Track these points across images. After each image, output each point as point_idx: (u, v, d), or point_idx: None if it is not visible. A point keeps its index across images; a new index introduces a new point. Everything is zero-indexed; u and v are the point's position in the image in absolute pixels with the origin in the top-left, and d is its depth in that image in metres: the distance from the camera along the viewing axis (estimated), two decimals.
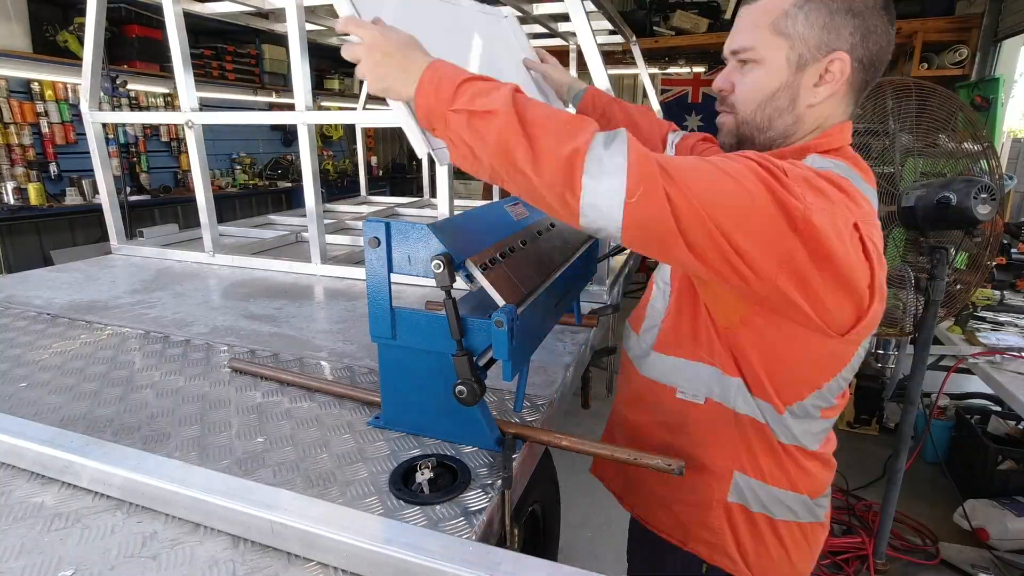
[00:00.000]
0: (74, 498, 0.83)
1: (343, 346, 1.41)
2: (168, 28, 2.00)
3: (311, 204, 2.02)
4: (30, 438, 0.88)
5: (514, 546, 0.86)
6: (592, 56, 1.63)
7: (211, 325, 1.55)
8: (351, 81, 7.87)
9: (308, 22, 2.88)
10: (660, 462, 0.86)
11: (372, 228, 0.87)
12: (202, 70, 5.85)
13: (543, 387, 1.18)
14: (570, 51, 3.69)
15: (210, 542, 0.75)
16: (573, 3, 1.63)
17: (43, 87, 4.65)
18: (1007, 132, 5.50)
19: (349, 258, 2.22)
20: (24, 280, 1.98)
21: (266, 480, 0.87)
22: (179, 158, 5.89)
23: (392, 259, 0.88)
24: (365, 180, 4.22)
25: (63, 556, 0.72)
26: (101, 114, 2.25)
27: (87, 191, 4.81)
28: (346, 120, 2.17)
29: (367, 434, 1.01)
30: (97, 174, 2.29)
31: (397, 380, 0.98)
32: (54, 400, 1.13)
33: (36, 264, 3.71)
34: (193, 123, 2.06)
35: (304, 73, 1.87)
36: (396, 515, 0.79)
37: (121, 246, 2.41)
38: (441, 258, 0.81)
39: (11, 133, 4.47)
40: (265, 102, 6.83)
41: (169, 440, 0.99)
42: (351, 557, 0.69)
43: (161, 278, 2.04)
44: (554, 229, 1.17)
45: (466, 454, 0.94)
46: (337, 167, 7.93)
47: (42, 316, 1.61)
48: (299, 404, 1.11)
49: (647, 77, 3.88)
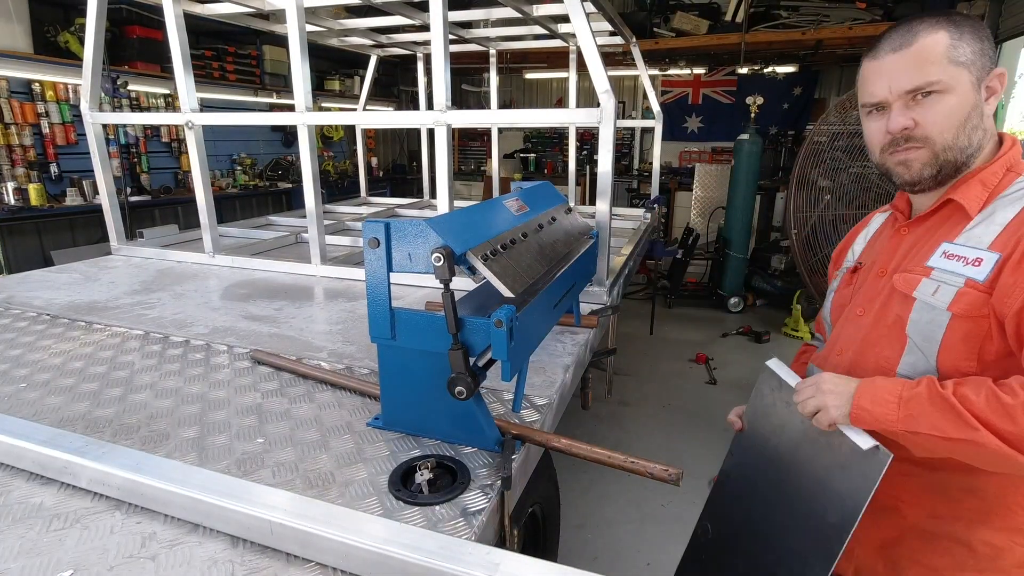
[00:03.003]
0: (73, 498, 0.83)
1: (343, 347, 1.41)
2: (169, 29, 2.00)
3: (311, 205, 2.02)
4: (29, 438, 0.88)
5: (513, 547, 0.86)
6: (592, 58, 1.63)
7: (211, 326, 1.54)
8: (351, 82, 7.88)
9: (308, 23, 2.88)
10: (658, 469, 0.86)
11: (371, 229, 0.87)
12: (202, 71, 5.85)
13: (543, 388, 1.17)
14: (570, 52, 3.70)
15: (209, 543, 0.75)
16: (573, 4, 1.63)
17: (44, 88, 4.65)
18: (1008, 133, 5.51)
19: (349, 259, 2.22)
20: (24, 280, 1.98)
21: (265, 481, 0.86)
22: (180, 159, 5.89)
23: (392, 258, 0.88)
24: (365, 181, 4.22)
25: (62, 556, 0.72)
26: (101, 115, 2.25)
27: (87, 192, 4.82)
28: (346, 121, 2.17)
29: (366, 435, 1.00)
30: (97, 175, 2.29)
31: (396, 381, 0.98)
32: (54, 400, 1.13)
33: (36, 264, 3.70)
34: (193, 124, 2.06)
35: (304, 74, 1.88)
36: (395, 516, 0.79)
37: (121, 247, 2.41)
38: (441, 251, 0.81)
39: (12, 134, 4.47)
40: (265, 103, 6.83)
41: (168, 441, 0.99)
42: (350, 558, 0.69)
43: (161, 279, 2.04)
44: (555, 223, 1.17)
45: (465, 455, 0.94)
46: (337, 168, 7.93)
47: (42, 317, 1.61)
48: (299, 405, 1.11)
49: (647, 79, 3.88)
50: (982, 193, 0.92)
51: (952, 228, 0.94)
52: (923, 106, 0.90)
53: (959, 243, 0.91)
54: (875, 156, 1.00)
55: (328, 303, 1.78)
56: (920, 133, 0.91)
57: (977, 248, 0.88)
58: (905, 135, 0.92)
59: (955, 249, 0.91)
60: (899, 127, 0.92)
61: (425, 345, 0.91)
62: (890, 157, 0.96)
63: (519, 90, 9.06)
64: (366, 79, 4.12)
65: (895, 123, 0.92)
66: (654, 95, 3.92)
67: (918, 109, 0.90)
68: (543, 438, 0.95)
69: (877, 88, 0.94)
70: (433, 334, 0.90)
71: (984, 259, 0.86)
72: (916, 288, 0.92)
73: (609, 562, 2.23)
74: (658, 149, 3.97)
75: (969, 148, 0.91)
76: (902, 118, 0.91)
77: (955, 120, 0.90)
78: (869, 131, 1.00)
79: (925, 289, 0.91)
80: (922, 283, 0.91)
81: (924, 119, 0.90)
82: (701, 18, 5.91)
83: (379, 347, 0.96)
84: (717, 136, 8.00)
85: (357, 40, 3.53)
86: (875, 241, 1.14)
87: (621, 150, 8.46)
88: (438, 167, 1.80)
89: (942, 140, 0.90)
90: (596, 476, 2.66)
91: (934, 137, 0.90)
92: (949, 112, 0.89)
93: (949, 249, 0.91)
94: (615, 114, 1.64)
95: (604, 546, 2.37)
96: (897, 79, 0.91)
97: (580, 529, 2.44)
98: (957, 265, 0.89)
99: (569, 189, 3.86)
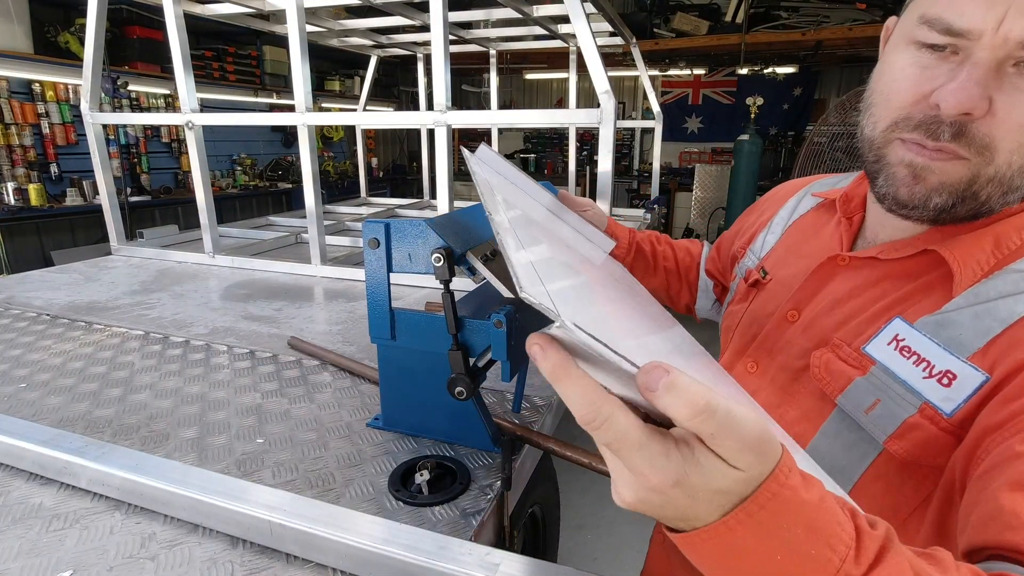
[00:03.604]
0: (73, 499, 0.83)
1: (343, 347, 1.41)
2: (169, 29, 2.00)
3: (311, 205, 2.02)
4: (29, 439, 0.88)
5: (513, 548, 0.86)
6: (592, 58, 1.63)
7: (211, 326, 1.54)
8: (351, 82, 7.88)
9: (308, 23, 2.89)
10: None
11: (371, 229, 0.87)
12: (203, 71, 5.86)
13: (543, 388, 1.17)
14: (570, 53, 3.70)
15: (209, 543, 0.75)
16: (573, 5, 1.63)
17: (44, 88, 4.66)
18: None
19: (349, 259, 2.23)
20: (24, 281, 1.98)
21: (265, 481, 0.86)
22: (180, 159, 5.90)
23: (392, 258, 0.88)
24: (365, 181, 4.22)
25: (62, 557, 0.72)
26: (102, 115, 2.25)
27: (87, 192, 4.83)
28: (346, 121, 2.17)
29: (366, 435, 1.00)
30: (97, 175, 2.29)
31: (396, 381, 0.98)
32: (53, 401, 1.13)
33: (36, 265, 3.71)
34: (193, 124, 2.06)
35: (304, 74, 1.88)
36: (395, 516, 0.79)
37: (121, 247, 2.41)
38: (441, 251, 0.81)
39: (12, 134, 4.47)
40: (265, 103, 6.84)
41: (168, 441, 0.99)
42: (350, 558, 0.69)
43: (161, 279, 2.04)
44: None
45: (465, 455, 0.94)
46: (337, 168, 7.94)
47: (42, 317, 1.61)
48: (299, 406, 1.11)
49: (647, 79, 3.88)
50: (989, 257, 0.55)
51: (922, 293, 0.58)
52: (1018, 86, 0.49)
53: (924, 330, 0.55)
54: (877, 124, 0.57)
55: (328, 303, 1.78)
56: (986, 133, 0.50)
57: (952, 353, 0.53)
58: (960, 124, 0.51)
59: (915, 339, 0.55)
60: (965, 104, 0.49)
61: (425, 346, 0.91)
62: (899, 146, 0.55)
63: (519, 91, 9.06)
64: (366, 79, 4.12)
65: (962, 94, 0.49)
66: (654, 96, 3.92)
67: (1011, 87, 0.49)
68: (543, 439, 0.95)
69: (973, 6, 0.48)
70: (433, 335, 0.90)
71: (960, 376, 0.51)
72: (843, 391, 0.59)
73: (609, 562, 2.23)
74: (658, 150, 3.97)
75: (1021, 188, 0.54)
76: (976, 89, 0.49)
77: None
78: (896, 77, 0.55)
79: (856, 396, 0.58)
80: (853, 385, 0.58)
81: (1010, 111, 0.49)
82: (701, 19, 5.92)
83: (379, 348, 0.96)
84: (717, 137, 8.01)
85: (357, 40, 3.53)
86: (792, 238, 0.78)
87: (621, 151, 8.47)
88: (438, 168, 1.80)
89: (1006, 165, 0.51)
90: (596, 476, 2.65)
91: (1000, 152, 0.51)
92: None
93: (904, 335, 0.56)
94: (615, 115, 1.64)
95: (604, 547, 2.37)
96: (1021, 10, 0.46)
97: (580, 530, 2.44)
98: (913, 371, 0.54)
99: (569, 189, 3.86)
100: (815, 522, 0.33)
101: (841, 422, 0.60)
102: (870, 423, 0.56)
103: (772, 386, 0.69)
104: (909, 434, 0.53)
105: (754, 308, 0.77)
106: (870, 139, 0.58)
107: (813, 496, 0.34)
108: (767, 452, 0.33)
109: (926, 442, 0.53)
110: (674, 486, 0.33)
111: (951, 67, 0.50)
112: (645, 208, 3.80)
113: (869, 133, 0.58)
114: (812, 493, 0.34)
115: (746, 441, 0.32)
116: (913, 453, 0.54)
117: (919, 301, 0.57)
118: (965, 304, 0.54)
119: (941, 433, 0.52)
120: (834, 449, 0.59)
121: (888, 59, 0.56)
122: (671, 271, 1.08)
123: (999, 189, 0.52)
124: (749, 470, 0.32)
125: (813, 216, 0.78)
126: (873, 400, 0.56)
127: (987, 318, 0.52)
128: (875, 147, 0.58)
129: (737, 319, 0.80)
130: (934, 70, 0.51)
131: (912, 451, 0.54)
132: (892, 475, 0.56)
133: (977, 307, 0.53)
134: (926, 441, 0.53)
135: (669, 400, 0.31)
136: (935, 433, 0.52)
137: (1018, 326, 0.50)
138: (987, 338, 0.51)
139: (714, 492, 0.33)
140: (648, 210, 3.73)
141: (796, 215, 0.81)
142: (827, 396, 0.61)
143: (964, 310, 0.53)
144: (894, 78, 0.55)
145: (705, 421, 0.31)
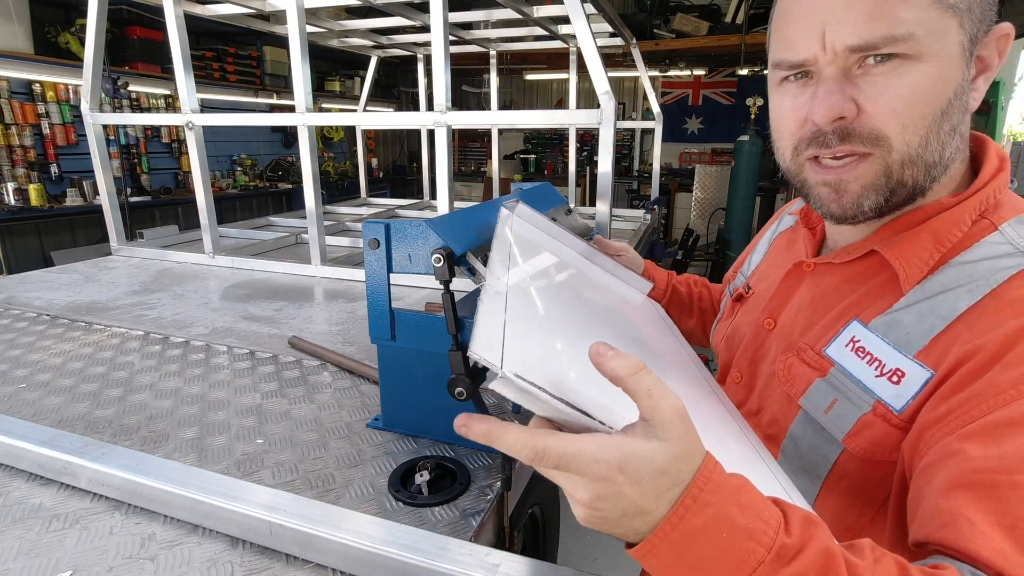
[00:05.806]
0: (73, 499, 0.83)
1: (343, 347, 1.41)
2: (169, 30, 2.00)
3: (311, 205, 2.02)
4: (29, 439, 0.88)
5: (513, 548, 0.86)
6: (592, 59, 1.63)
7: (211, 326, 1.54)
8: (351, 83, 7.88)
9: (309, 24, 2.89)
10: None
11: (371, 229, 0.87)
12: (203, 71, 5.87)
13: None
14: (570, 53, 3.70)
15: (209, 543, 0.75)
16: (573, 5, 1.63)
17: (44, 88, 4.66)
18: (1007, 135, 5.52)
19: (349, 259, 2.23)
20: (24, 281, 1.98)
21: (265, 482, 0.86)
22: (180, 159, 5.90)
23: (392, 259, 0.88)
24: (365, 182, 4.22)
25: (61, 557, 0.72)
26: (102, 115, 2.25)
27: (88, 192, 4.83)
28: (346, 122, 2.17)
29: (366, 436, 1.00)
30: (97, 175, 2.29)
31: (396, 381, 0.98)
32: (53, 401, 1.13)
33: (36, 265, 3.71)
34: (193, 124, 2.06)
35: (305, 75, 1.88)
36: (395, 517, 0.79)
37: (121, 247, 2.41)
38: (441, 252, 0.81)
39: (12, 134, 4.48)
40: (266, 104, 6.85)
41: (168, 441, 0.99)
42: (350, 559, 0.69)
43: (161, 279, 2.04)
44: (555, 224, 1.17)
45: (465, 456, 0.94)
46: (337, 169, 7.94)
47: (42, 317, 1.61)
48: (298, 406, 1.11)
49: (647, 80, 3.88)
50: (931, 253, 0.57)
51: (875, 294, 0.60)
52: (876, 79, 0.53)
53: (877, 331, 0.57)
54: (785, 156, 0.62)
55: (328, 304, 1.78)
56: (868, 127, 0.54)
57: (900, 351, 0.55)
58: (840, 129, 0.55)
59: (868, 339, 0.58)
60: (831, 113, 0.54)
61: (425, 346, 0.91)
62: (811, 168, 0.60)
63: (519, 91, 9.07)
64: (366, 80, 4.12)
65: (824, 106, 0.54)
66: (654, 96, 3.93)
67: (866, 84, 0.53)
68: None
69: (801, 35, 0.55)
70: (433, 335, 0.90)
71: (908, 374, 0.54)
72: (803, 393, 0.62)
73: (609, 563, 2.22)
74: (658, 150, 3.97)
75: (941, 163, 0.56)
76: (837, 97, 0.54)
77: (930, 110, 0.53)
78: (779, 112, 0.62)
79: (815, 398, 0.60)
80: (813, 386, 0.61)
81: (876, 103, 0.53)
82: (701, 19, 5.92)
83: (379, 348, 0.96)
84: (717, 137, 8.01)
85: (357, 41, 3.53)
86: (772, 254, 0.84)
87: (621, 151, 8.47)
88: (438, 168, 1.80)
89: (904, 145, 0.54)
90: None
91: (891, 137, 0.54)
92: (923, 94, 0.52)
93: (860, 336, 0.58)
94: (615, 115, 1.64)
95: (604, 547, 2.37)
96: (840, 22, 0.52)
97: (580, 530, 2.44)
98: (866, 371, 0.57)
99: (569, 190, 3.86)
100: (744, 498, 0.39)
101: (806, 424, 0.62)
102: (829, 422, 0.59)
103: (754, 393, 0.72)
104: (864, 431, 0.56)
105: (737, 321, 0.82)
106: (787, 169, 0.64)
107: (738, 479, 0.40)
108: (691, 430, 0.39)
109: (881, 439, 0.55)
110: (620, 471, 0.38)
111: (812, 89, 0.58)
112: (645, 209, 3.80)
113: (783, 164, 0.65)
114: (736, 478, 0.40)
115: (676, 407, 0.38)
116: (869, 451, 0.56)
117: (874, 302, 0.60)
118: (912, 301, 0.57)
119: (893, 429, 0.55)
120: (801, 450, 0.63)
121: (771, 101, 0.64)
122: (706, 311, 1.13)
123: (918, 167, 0.56)
124: (679, 441, 0.38)
125: (790, 232, 0.83)
126: (831, 400, 0.59)
127: (931, 316, 0.54)
128: (793, 174, 0.64)
129: (723, 334, 0.85)
130: (801, 97, 0.59)
131: (868, 448, 0.56)
132: (855, 474, 0.59)
133: (922, 304, 0.56)
134: (881, 438, 0.55)
135: (616, 363, 0.38)
136: (887, 430, 0.55)
137: (959, 322, 0.52)
138: (931, 335, 0.54)
139: (656, 473, 0.37)
140: (648, 211, 3.73)
141: (776, 233, 0.87)
142: (792, 398, 0.64)
143: (911, 308, 0.56)
144: (778, 114, 0.62)
145: (642, 378, 0.38)
